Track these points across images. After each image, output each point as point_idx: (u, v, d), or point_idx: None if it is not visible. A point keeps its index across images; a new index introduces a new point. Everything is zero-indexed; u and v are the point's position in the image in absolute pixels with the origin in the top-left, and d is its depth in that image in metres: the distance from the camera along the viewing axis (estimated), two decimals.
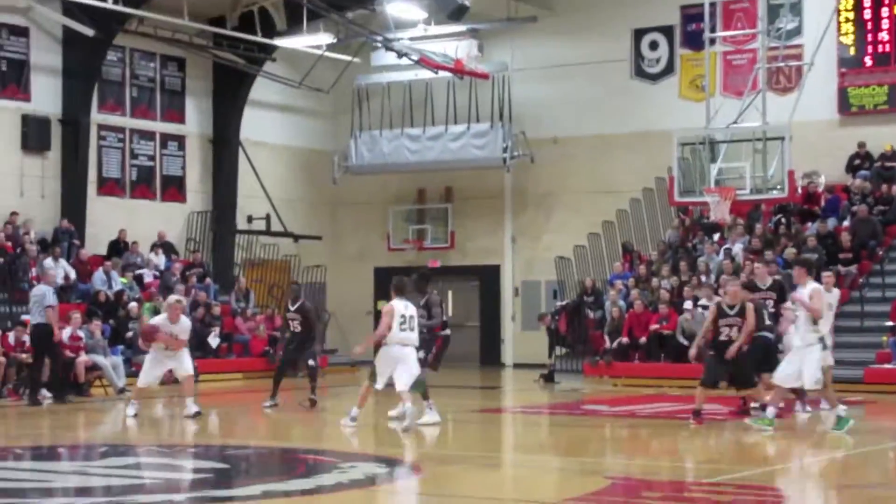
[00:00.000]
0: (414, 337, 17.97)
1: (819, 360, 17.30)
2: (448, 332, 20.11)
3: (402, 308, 17.84)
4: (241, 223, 35.42)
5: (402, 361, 17.75)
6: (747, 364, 18.39)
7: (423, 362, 18.68)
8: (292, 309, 22.07)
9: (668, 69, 34.67)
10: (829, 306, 19.84)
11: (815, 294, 17.28)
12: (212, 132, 34.90)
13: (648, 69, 34.92)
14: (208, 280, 32.05)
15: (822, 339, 17.36)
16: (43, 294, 22.80)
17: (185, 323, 20.57)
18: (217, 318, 30.30)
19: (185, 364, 20.32)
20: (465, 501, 12.04)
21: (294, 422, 20.52)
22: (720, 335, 18.21)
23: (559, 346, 30.37)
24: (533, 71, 35.92)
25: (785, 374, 17.51)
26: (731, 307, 18.26)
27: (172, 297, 21.76)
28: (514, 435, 18.93)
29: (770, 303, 20.04)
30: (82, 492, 12.73)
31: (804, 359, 17.23)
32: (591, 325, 29.59)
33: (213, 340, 29.77)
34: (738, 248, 29.66)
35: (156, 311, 28.33)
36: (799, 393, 18.93)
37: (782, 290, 20.40)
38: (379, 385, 17.87)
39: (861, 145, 31.56)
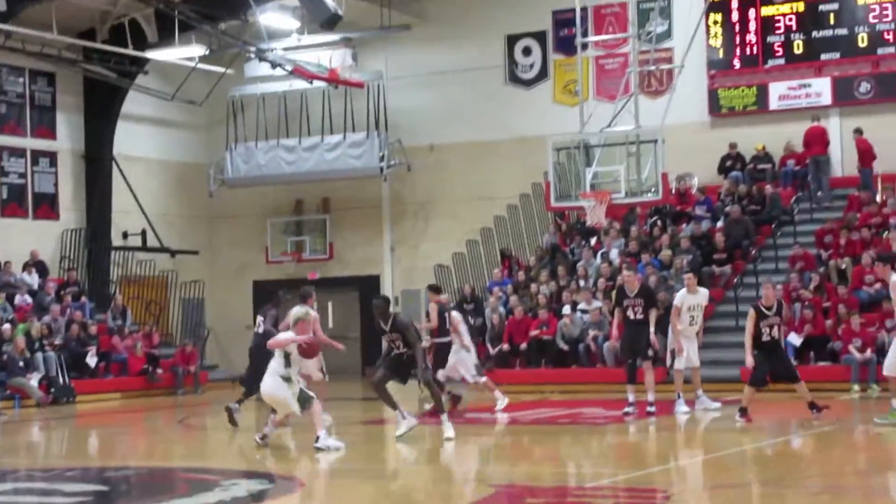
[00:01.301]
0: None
1: None
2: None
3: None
4: (117, 240, 34.99)
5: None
6: (788, 360, 19.44)
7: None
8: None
9: (542, 74, 34.90)
10: (695, 307, 20.59)
11: None
12: (84, 148, 34.44)
13: (522, 75, 35.13)
14: (84, 298, 31.62)
15: None
16: None
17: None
18: (93, 338, 29.92)
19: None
20: None
21: (177, 441, 20.31)
22: (762, 336, 18.80)
23: None
24: (408, 79, 35.96)
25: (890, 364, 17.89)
26: (769, 308, 18.90)
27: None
28: (397, 446, 18.89)
29: (639, 309, 20.31)
30: None
31: None
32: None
33: (91, 360, 29.39)
34: (615, 252, 29.95)
35: (28, 333, 28.01)
36: None
37: (650, 297, 20.70)
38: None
39: (732, 146, 32.04)
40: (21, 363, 27.29)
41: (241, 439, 19.94)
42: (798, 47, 31.91)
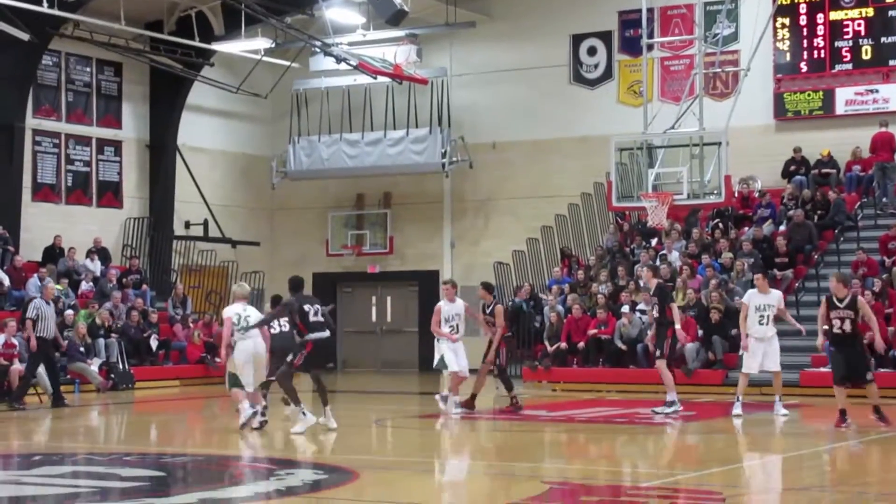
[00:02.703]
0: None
1: None
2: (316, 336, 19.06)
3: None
4: (179, 229, 35.19)
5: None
6: (862, 357, 18.62)
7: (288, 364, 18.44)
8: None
9: (607, 75, 34.78)
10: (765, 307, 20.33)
11: None
12: (149, 137, 34.67)
13: (587, 74, 35.03)
14: (145, 286, 31.83)
15: None
16: None
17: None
18: (154, 325, 30.11)
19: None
20: None
21: (233, 429, 20.39)
22: (833, 328, 18.33)
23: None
24: (471, 76, 35.95)
25: None
26: (841, 299, 18.38)
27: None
28: (452, 440, 18.91)
29: (654, 308, 20.62)
30: (15, 502, 12.59)
31: None
32: (529, 330, 29.61)
33: (153, 342, 29.61)
34: (675, 253, 29.80)
35: (90, 319, 28.24)
36: None
37: (664, 295, 20.70)
38: None
39: (797, 150, 31.80)
40: (82, 349, 27.51)
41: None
42: (866, 52, 31.65)
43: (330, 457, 15.98)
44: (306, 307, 18.41)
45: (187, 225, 35.58)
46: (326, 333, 18.59)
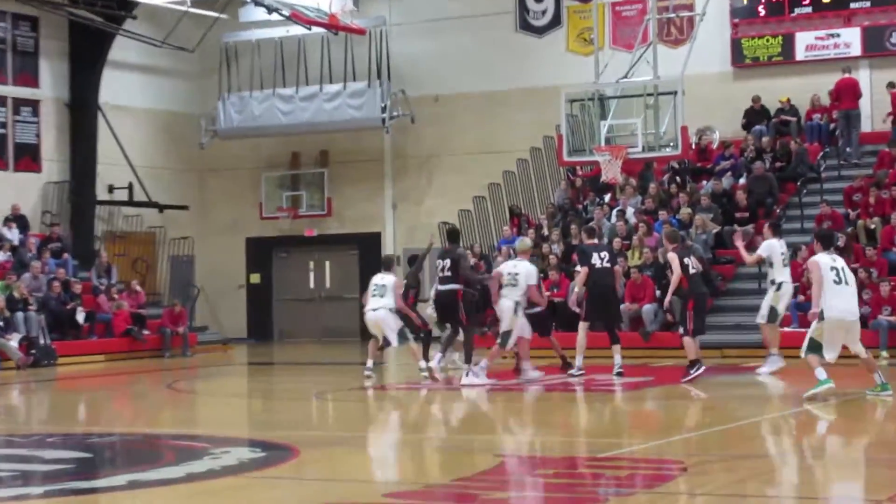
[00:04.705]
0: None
1: None
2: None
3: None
4: (102, 193, 34.88)
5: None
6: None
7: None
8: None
9: (555, 22, 34.71)
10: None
11: None
12: (68, 96, 34.29)
13: (534, 22, 34.93)
14: (66, 255, 31.52)
15: None
16: None
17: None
18: (77, 297, 29.84)
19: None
20: (346, 486, 11.92)
21: (164, 406, 20.26)
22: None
23: None
24: (412, 25, 35.79)
25: None
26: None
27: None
28: (398, 413, 18.85)
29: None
30: None
31: None
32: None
33: (80, 316, 29.34)
34: (630, 210, 29.82)
35: (9, 290, 27.94)
36: None
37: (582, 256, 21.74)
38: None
39: (755, 100, 31.88)
40: (0, 323, 27.23)
41: (233, 404, 19.92)
42: None
43: (268, 433, 15.86)
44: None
45: (111, 189, 35.26)
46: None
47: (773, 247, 21.53)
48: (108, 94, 34.83)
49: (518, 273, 20.43)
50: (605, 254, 21.45)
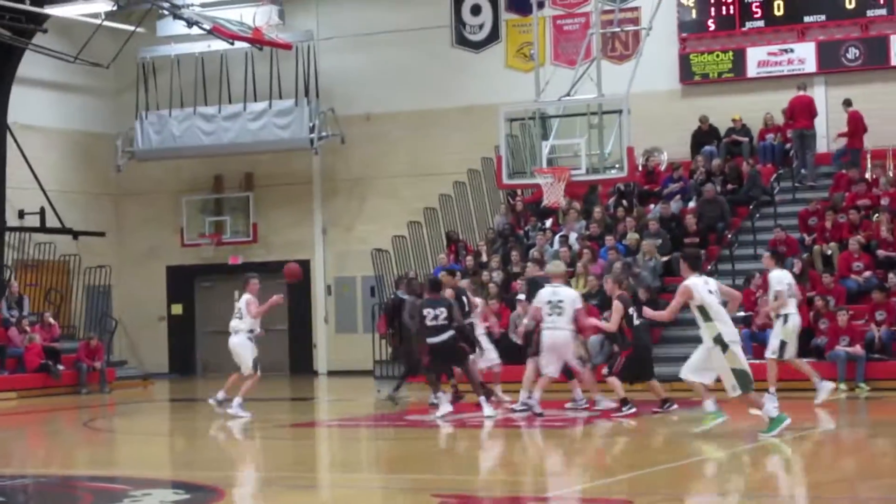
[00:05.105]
0: None
1: None
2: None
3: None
4: (12, 219, 34.70)
5: None
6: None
7: None
8: None
9: (493, 36, 34.92)
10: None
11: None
12: None
13: (471, 36, 35.13)
14: None
15: None
16: None
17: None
18: None
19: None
20: None
21: (81, 446, 20.23)
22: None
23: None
24: (342, 40, 35.89)
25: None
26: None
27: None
28: (330, 451, 18.92)
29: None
30: None
31: None
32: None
33: None
34: (573, 235, 30.00)
35: None
36: None
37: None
38: None
39: (703, 120, 32.18)
40: None
41: (154, 443, 19.91)
42: (779, 8, 32.11)
43: (192, 474, 15.90)
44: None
45: (21, 214, 35.11)
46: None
47: (780, 278, 21.61)
48: (16, 114, 34.64)
49: (562, 300, 20.55)
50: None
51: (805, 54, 31.96)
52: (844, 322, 25.23)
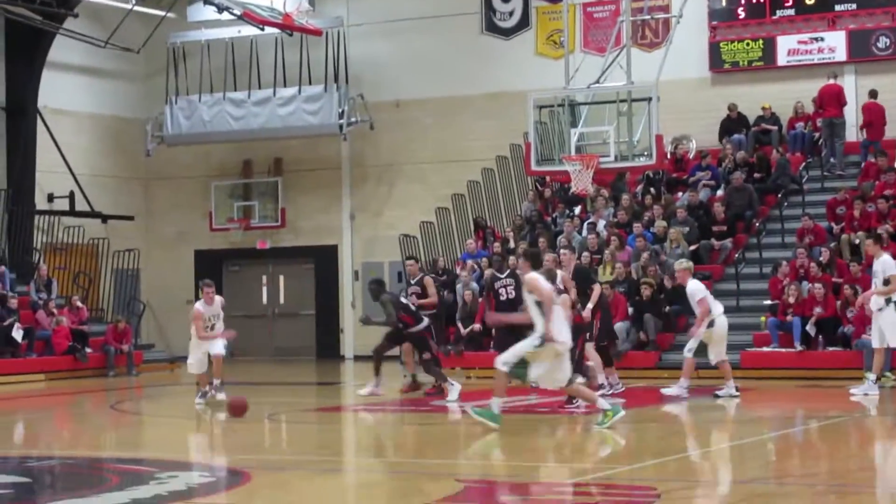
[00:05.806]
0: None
1: None
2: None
3: None
4: (41, 203, 34.84)
5: None
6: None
7: None
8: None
9: (523, 23, 34.87)
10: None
11: None
12: (4, 99, 34.26)
13: (501, 23, 35.09)
14: (3, 268, 31.48)
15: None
16: None
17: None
18: (14, 312, 29.80)
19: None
20: None
21: (107, 428, 20.29)
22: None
23: None
24: (371, 26, 35.89)
25: None
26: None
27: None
28: (355, 436, 18.93)
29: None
30: None
31: None
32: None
33: (18, 333, 29.29)
34: (602, 223, 29.97)
35: None
36: None
37: (586, 279, 21.36)
38: None
39: (732, 108, 32.09)
40: None
41: (181, 426, 19.97)
42: None
43: (218, 457, 15.93)
44: None
45: (51, 198, 35.24)
46: None
47: (889, 263, 21.20)
48: (47, 98, 34.79)
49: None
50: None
51: (835, 43, 31.84)
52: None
